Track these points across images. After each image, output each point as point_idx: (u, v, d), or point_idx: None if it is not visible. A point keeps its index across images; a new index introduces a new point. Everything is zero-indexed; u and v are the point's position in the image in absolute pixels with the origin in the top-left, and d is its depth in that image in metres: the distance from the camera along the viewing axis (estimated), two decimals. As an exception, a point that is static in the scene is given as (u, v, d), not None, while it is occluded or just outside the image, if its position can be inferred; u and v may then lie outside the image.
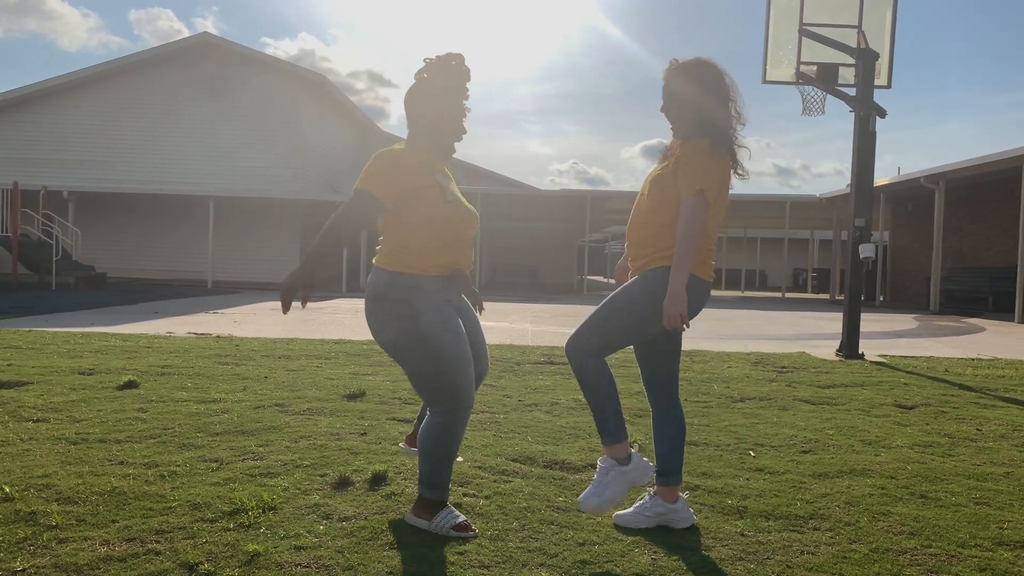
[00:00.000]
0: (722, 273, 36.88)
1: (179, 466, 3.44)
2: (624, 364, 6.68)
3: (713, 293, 33.03)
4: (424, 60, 2.88)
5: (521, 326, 11.18)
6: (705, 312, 16.04)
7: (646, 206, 2.90)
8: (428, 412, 2.84)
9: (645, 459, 2.91)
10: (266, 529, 2.71)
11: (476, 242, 2.96)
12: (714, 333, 10.73)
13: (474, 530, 2.75)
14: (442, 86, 2.85)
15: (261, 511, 2.87)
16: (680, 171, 2.79)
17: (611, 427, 2.83)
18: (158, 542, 2.59)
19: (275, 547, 2.55)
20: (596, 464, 3.59)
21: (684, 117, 2.87)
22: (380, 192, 2.70)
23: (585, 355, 2.83)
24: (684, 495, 2.96)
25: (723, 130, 2.82)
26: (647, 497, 2.92)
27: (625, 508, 2.96)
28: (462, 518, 2.78)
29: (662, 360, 3.00)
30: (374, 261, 2.82)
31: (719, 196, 2.82)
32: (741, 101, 2.89)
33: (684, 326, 2.75)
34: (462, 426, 2.80)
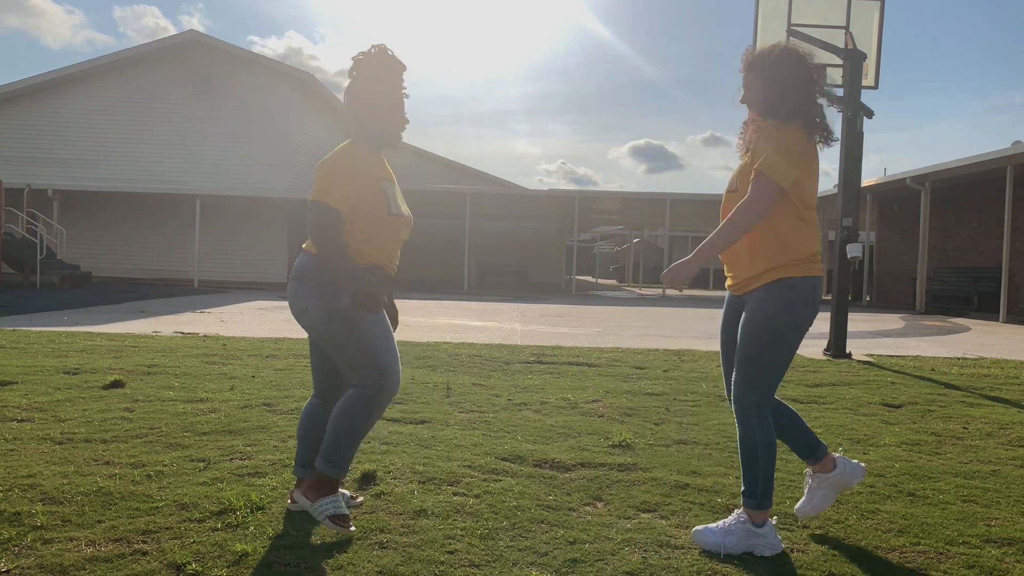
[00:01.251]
0: (711, 272, 37.00)
1: (166, 466, 3.41)
2: (613, 364, 6.68)
3: (702, 292, 33.19)
4: (351, 58, 2.90)
5: (510, 325, 11.17)
6: (693, 311, 16.06)
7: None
8: (351, 387, 2.82)
9: (778, 537, 2.69)
10: (254, 529, 2.69)
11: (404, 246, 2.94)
12: (703, 332, 10.75)
13: (351, 528, 2.69)
14: (371, 78, 2.86)
15: (249, 511, 2.85)
16: (755, 151, 2.71)
17: (759, 492, 2.69)
18: (145, 542, 2.56)
19: (264, 547, 2.53)
20: (590, 462, 3.60)
21: (760, 104, 2.79)
22: (336, 202, 2.72)
23: (755, 410, 2.71)
24: (773, 520, 2.76)
25: (801, 109, 2.72)
26: (808, 477, 2.92)
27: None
28: (345, 510, 2.73)
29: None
30: (304, 246, 2.84)
31: (804, 171, 2.68)
32: (822, 81, 2.81)
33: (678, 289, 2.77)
34: (381, 407, 2.79)
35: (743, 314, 2.76)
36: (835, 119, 2.69)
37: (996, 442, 4.32)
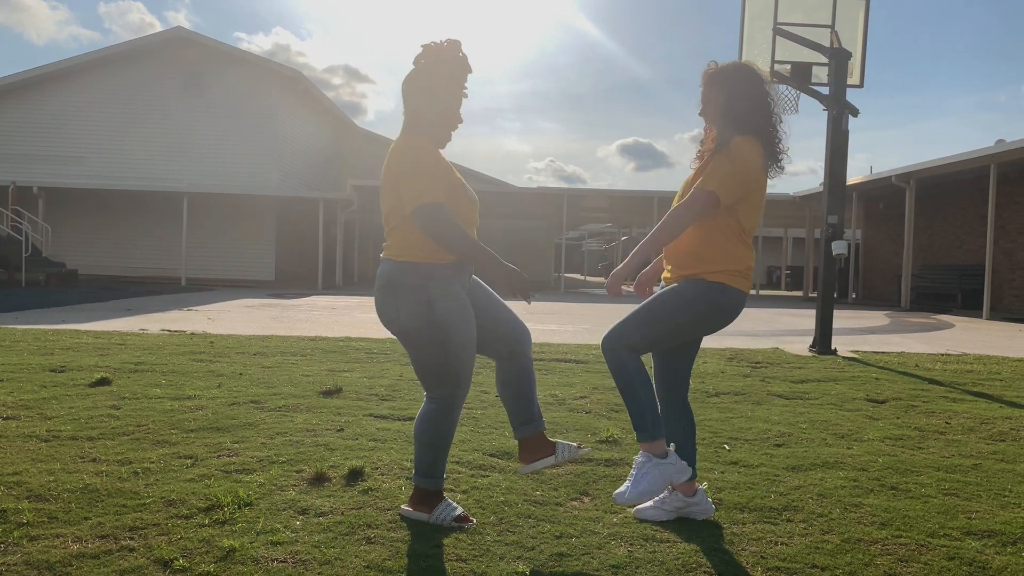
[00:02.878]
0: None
1: (153, 463, 3.41)
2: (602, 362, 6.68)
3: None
4: (422, 47, 2.79)
5: (498, 323, 11.17)
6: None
7: None
8: (426, 399, 2.85)
9: (683, 461, 2.82)
10: (242, 525, 2.70)
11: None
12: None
13: (472, 520, 2.79)
14: (439, 70, 2.77)
15: (237, 507, 2.85)
16: (707, 169, 2.78)
17: (648, 423, 2.75)
18: (132, 539, 2.56)
19: (251, 542, 2.54)
20: (575, 458, 3.62)
21: (721, 118, 2.85)
22: (436, 197, 2.64)
23: (626, 351, 2.75)
24: (702, 487, 3.02)
25: (762, 128, 2.81)
26: (666, 492, 2.92)
27: (646, 504, 2.95)
28: (460, 509, 2.81)
29: (685, 360, 3.02)
30: (382, 255, 2.80)
31: (743, 196, 2.77)
32: (779, 105, 2.90)
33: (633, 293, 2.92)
34: (457, 412, 2.83)
35: None
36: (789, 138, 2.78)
37: (978, 437, 4.37)
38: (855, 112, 8.29)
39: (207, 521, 2.72)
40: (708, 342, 9.08)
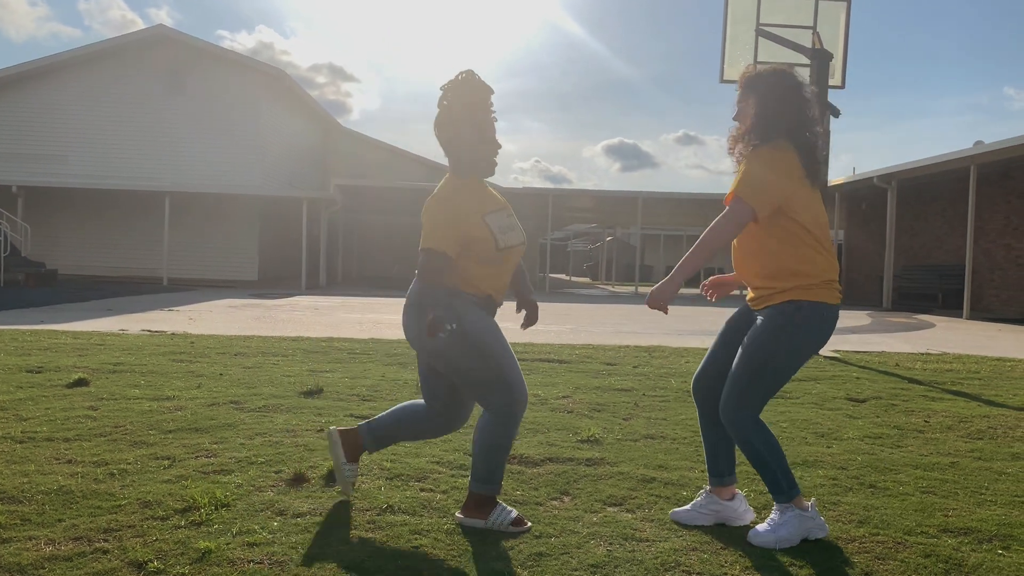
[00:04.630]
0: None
1: (130, 464, 3.37)
2: (589, 360, 6.70)
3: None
4: (440, 88, 2.85)
5: (482, 323, 11.16)
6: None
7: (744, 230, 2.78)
8: (483, 412, 2.82)
9: (821, 518, 2.77)
10: (219, 526, 2.67)
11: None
12: (673, 329, 10.84)
13: (528, 523, 2.78)
14: (461, 105, 2.81)
15: (214, 508, 2.83)
16: (738, 176, 2.74)
17: (784, 487, 2.72)
18: (106, 540, 2.53)
19: (227, 544, 2.51)
20: (558, 457, 3.61)
21: (753, 125, 2.78)
22: (443, 246, 2.69)
23: (746, 416, 2.73)
24: (741, 492, 2.96)
25: (795, 134, 2.73)
26: (703, 494, 2.91)
27: (682, 506, 2.97)
28: (515, 512, 2.79)
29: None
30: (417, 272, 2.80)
31: (783, 201, 2.68)
32: (815, 110, 2.81)
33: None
34: (516, 421, 2.80)
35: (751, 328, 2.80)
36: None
37: (956, 435, 4.41)
38: (837, 113, 8.34)
39: (183, 522, 2.69)
40: (692, 342, 9.12)
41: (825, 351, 8.40)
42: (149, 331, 8.65)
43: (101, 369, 5.79)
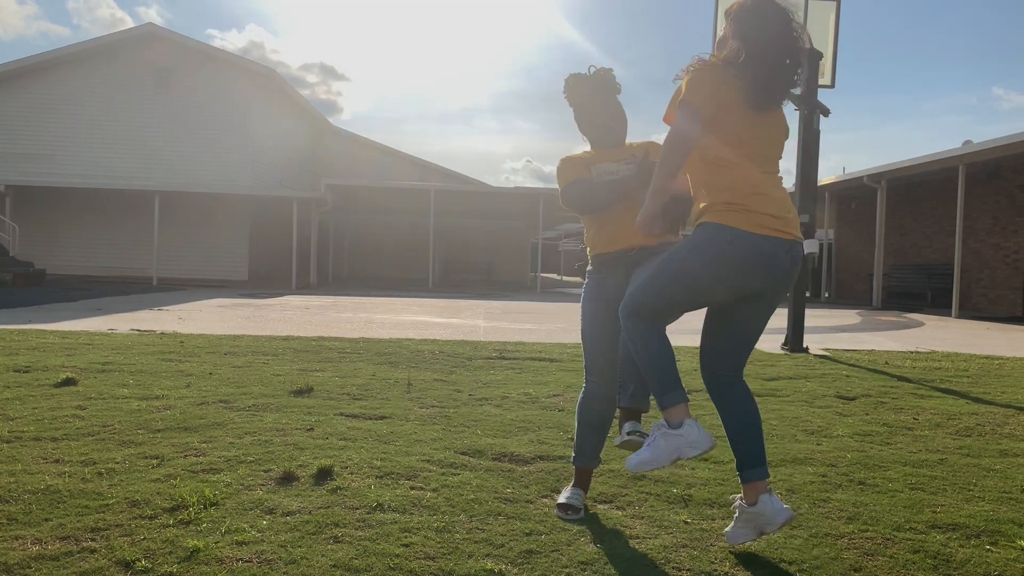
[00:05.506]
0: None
1: (118, 463, 3.35)
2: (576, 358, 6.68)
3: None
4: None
5: (473, 322, 11.16)
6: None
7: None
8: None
9: (702, 432, 2.57)
10: (207, 525, 2.66)
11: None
12: (664, 328, 10.86)
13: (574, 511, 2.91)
14: (578, 97, 3.13)
15: (202, 507, 2.81)
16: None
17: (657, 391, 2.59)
18: (94, 540, 2.51)
19: (216, 543, 2.50)
20: (549, 455, 3.61)
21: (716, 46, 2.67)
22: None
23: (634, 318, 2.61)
24: (768, 494, 2.55)
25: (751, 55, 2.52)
26: (738, 503, 2.64)
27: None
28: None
29: (732, 339, 2.76)
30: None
31: (715, 108, 2.48)
32: (786, 40, 2.55)
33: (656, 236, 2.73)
34: (592, 403, 3.07)
35: None
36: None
37: (944, 432, 4.43)
38: (826, 112, 8.37)
39: (171, 521, 2.68)
40: (682, 340, 9.12)
41: (815, 349, 8.44)
42: (138, 331, 8.60)
43: (89, 368, 5.76)
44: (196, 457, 3.49)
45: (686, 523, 2.84)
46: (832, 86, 8.88)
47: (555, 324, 11.30)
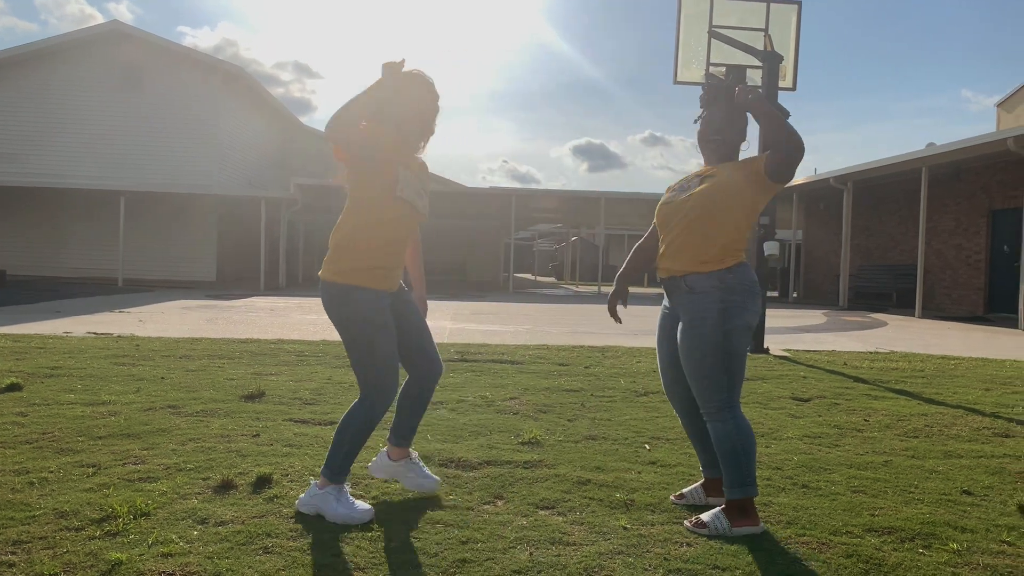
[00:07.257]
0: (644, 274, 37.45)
1: (51, 472, 3.27)
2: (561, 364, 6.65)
3: (630, 290, 33.51)
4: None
5: (440, 323, 11.11)
6: (623, 309, 16.19)
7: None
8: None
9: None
10: (135, 536, 2.60)
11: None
12: (627, 330, 10.87)
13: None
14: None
15: (132, 517, 2.75)
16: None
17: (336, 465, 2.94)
18: (14, 553, 2.45)
19: (140, 555, 2.44)
20: (496, 460, 3.57)
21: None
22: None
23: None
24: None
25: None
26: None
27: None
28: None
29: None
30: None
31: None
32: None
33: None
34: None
35: None
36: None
37: (893, 433, 4.47)
38: (786, 114, 8.41)
39: (98, 533, 2.61)
40: (646, 341, 9.15)
41: (776, 350, 8.49)
42: (94, 333, 8.45)
43: (37, 374, 5.64)
44: (135, 465, 3.42)
45: (625, 529, 2.83)
46: (793, 88, 8.93)
47: (522, 325, 11.29)
